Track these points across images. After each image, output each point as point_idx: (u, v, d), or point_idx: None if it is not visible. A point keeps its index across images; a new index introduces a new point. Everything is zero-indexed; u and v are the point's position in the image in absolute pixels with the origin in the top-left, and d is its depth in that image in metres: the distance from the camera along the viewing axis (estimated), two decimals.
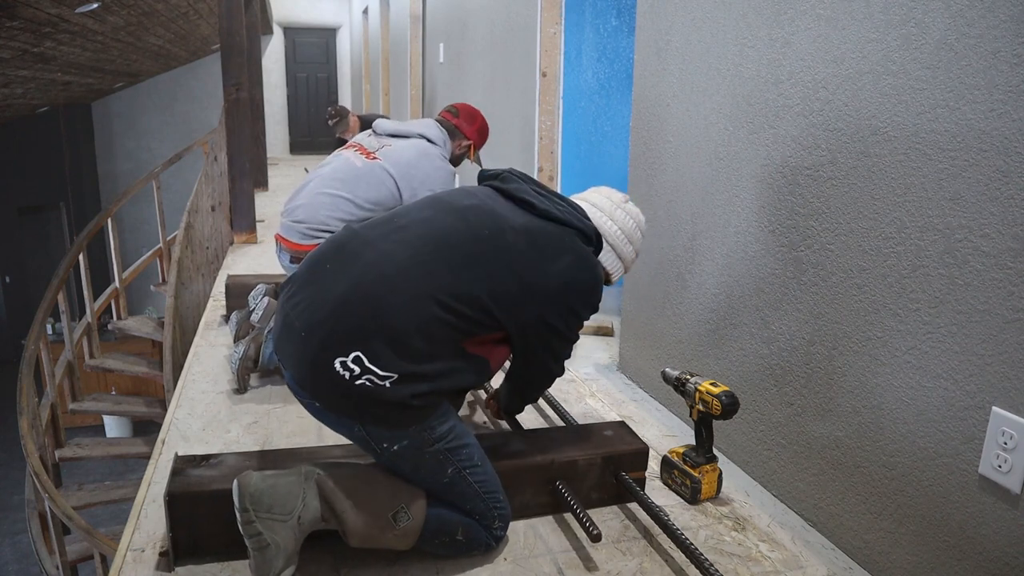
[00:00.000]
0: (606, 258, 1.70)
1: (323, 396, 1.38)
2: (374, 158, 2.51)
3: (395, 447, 1.40)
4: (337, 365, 1.31)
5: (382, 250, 1.43)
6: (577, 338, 1.64)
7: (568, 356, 1.67)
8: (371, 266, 1.40)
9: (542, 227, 1.53)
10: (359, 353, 1.31)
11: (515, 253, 1.47)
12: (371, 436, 1.40)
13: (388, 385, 1.32)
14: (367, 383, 1.32)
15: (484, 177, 1.72)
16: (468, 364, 1.45)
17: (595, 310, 1.60)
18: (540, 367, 1.66)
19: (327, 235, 2.41)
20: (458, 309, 1.39)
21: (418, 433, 1.40)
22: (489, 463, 1.52)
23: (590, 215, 1.66)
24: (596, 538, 1.43)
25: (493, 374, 1.58)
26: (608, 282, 1.71)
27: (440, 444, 1.43)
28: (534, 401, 1.90)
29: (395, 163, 2.47)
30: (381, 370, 1.32)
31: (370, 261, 1.41)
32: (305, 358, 1.35)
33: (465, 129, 2.67)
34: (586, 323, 1.69)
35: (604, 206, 1.71)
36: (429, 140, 2.58)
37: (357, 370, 1.31)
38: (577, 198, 1.74)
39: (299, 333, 1.36)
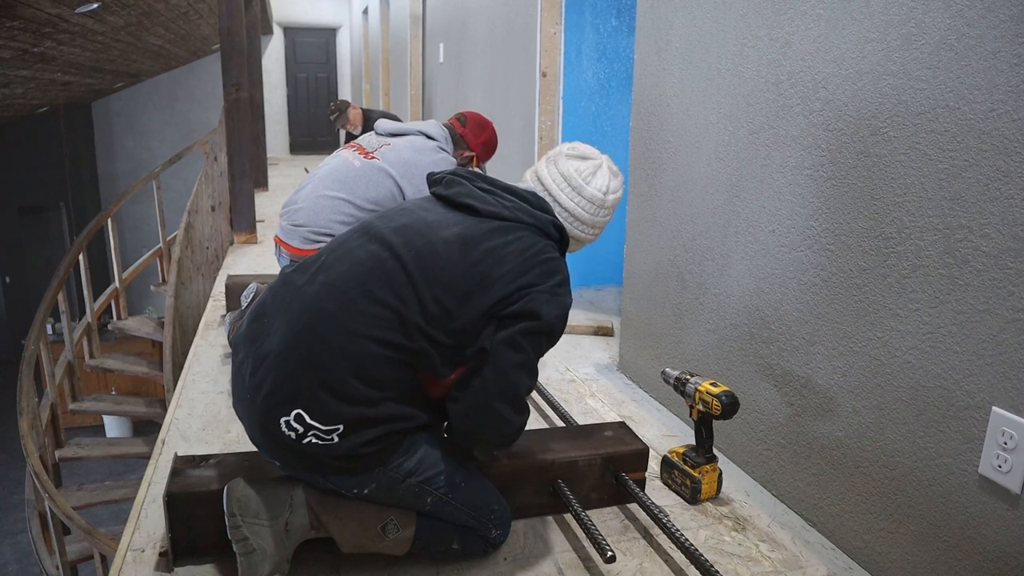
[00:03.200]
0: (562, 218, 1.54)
1: (279, 456, 1.33)
2: (372, 157, 2.49)
3: (365, 491, 1.37)
4: (282, 425, 1.27)
5: (306, 297, 1.34)
6: (536, 373, 1.39)
7: (523, 401, 1.38)
8: (298, 316, 1.32)
9: (482, 230, 1.39)
10: (299, 410, 1.26)
11: (448, 267, 1.34)
12: (339, 486, 1.37)
13: (336, 439, 1.27)
14: (313, 439, 1.27)
15: (431, 183, 1.57)
16: (423, 403, 1.38)
17: (561, 318, 1.38)
18: (485, 408, 1.33)
19: (329, 239, 2.40)
20: (398, 343, 1.29)
21: (383, 475, 1.35)
22: (476, 476, 1.48)
23: (546, 187, 1.54)
24: (611, 560, 1.41)
25: None
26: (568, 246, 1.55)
27: (411, 479, 1.37)
28: (485, 455, 1.54)
29: (393, 162, 2.46)
30: (324, 424, 1.26)
31: (296, 311, 1.33)
32: (254, 421, 1.32)
33: (470, 140, 2.63)
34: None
35: (542, 173, 1.57)
36: (428, 136, 2.55)
37: (301, 429, 1.26)
38: (536, 172, 1.60)
39: (246, 395, 1.33)
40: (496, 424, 1.35)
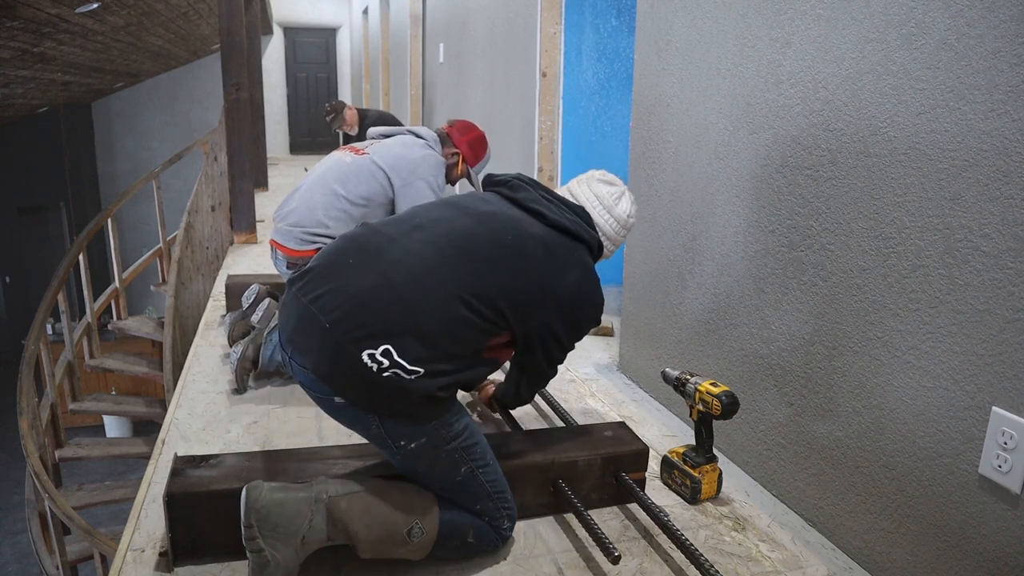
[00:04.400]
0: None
1: (345, 389, 1.37)
2: (363, 153, 2.53)
3: (412, 444, 1.40)
4: (365, 357, 1.32)
5: (407, 248, 1.44)
6: (574, 347, 1.67)
7: (562, 362, 1.69)
8: (398, 263, 1.41)
9: (555, 238, 1.55)
10: (389, 347, 1.33)
11: (533, 261, 1.49)
12: (389, 433, 1.40)
13: (414, 379, 1.34)
14: (393, 376, 1.33)
15: (491, 182, 1.71)
16: (482, 362, 1.49)
17: (597, 323, 1.65)
18: (535, 369, 1.69)
19: (325, 238, 2.40)
20: (481, 311, 1.41)
21: (436, 430, 1.41)
22: (497, 463, 1.54)
23: (580, 203, 1.68)
24: (616, 560, 1.41)
25: (498, 368, 1.63)
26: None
27: (456, 442, 1.44)
28: (528, 400, 1.89)
29: (383, 156, 2.51)
30: (409, 364, 1.33)
31: (396, 258, 1.42)
32: (328, 349, 1.35)
33: (456, 138, 2.66)
34: None
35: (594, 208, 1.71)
36: (416, 135, 2.62)
37: (386, 363, 1.32)
38: (570, 191, 1.73)
39: (323, 325, 1.35)
40: (545, 381, 1.77)
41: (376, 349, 1.32)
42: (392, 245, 1.45)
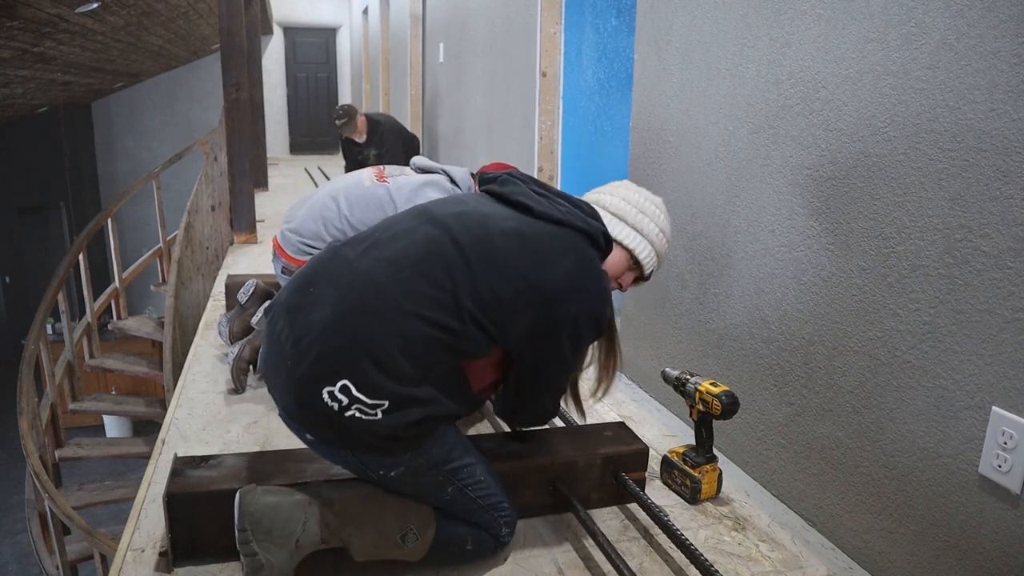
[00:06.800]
0: (633, 241, 1.61)
1: (314, 428, 1.33)
2: (384, 180, 2.45)
3: (392, 473, 1.37)
4: (325, 396, 1.26)
5: (359, 270, 1.36)
6: (576, 367, 1.52)
7: (564, 390, 1.58)
8: (349, 289, 1.33)
9: (538, 229, 1.42)
10: (346, 382, 1.26)
11: (506, 258, 1.37)
12: (366, 465, 1.37)
13: (379, 415, 1.27)
14: (356, 414, 1.27)
15: (484, 181, 1.63)
16: (462, 388, 1.39)
17: (600, 328, 1.46)
18: (530, 400, 1.54)
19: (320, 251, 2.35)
20: (446, 324, 1.31)
21: (413, 459, 1.36)
22: (492, 474, 1.50)
23: (604, 205, 1.61)
24: None
25: (485, 400, 1.54)
26: (642, 276, 1.66)
27: (438, 467, 1.39)
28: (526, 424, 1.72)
29: (402, 189, 2.38)
30: (369, 398, 1.26)
31: (348, 283, 1.34)
32: (292, 389, 1.30)
33: None
34: None
35: (618, 205, 1.65)
36: (451, 179, 2.45)
37: (345, 400, 1.26)
38: (594, 195, 1.68)
39: (286, 363, 1.30)
40: (542, 415, 1.62)
41: (334, 386, 1.26)
42: (347, 268, 1.37)
